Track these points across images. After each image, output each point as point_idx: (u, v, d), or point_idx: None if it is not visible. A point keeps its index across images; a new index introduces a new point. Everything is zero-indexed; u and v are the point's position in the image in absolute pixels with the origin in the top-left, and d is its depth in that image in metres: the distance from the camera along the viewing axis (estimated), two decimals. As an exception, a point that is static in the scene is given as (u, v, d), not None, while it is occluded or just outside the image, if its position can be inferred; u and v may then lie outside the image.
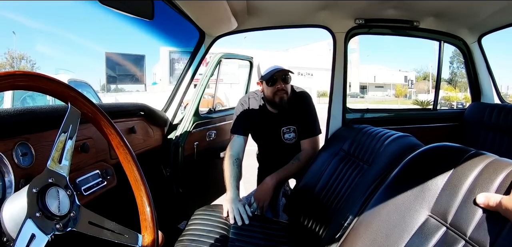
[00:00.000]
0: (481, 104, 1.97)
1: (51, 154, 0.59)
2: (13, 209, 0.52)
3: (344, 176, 1.34)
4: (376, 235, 0.74)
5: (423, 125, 2.00)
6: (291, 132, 1.77)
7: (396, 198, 0.74)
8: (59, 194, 0.56)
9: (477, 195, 0.58)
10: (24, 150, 0.80)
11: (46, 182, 0.55)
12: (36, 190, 0.53)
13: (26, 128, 0.84)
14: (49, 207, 0.53)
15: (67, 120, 0.63)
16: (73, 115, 0.64)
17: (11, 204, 0.53)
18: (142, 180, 0.76)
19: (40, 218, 0.52)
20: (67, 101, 0.64)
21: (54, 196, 0.55)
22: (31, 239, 0.49)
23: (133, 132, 1.35)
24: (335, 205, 1.30)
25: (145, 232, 0.72)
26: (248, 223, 1.43)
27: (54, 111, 0.92)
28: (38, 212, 0.52)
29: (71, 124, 0.63)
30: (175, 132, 1.79)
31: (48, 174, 0.57)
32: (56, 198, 0.55)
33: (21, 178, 0.74)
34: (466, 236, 0.58)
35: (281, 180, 1.70)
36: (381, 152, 1.16)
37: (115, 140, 0.73)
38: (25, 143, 0.81)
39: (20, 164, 0.78)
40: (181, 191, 1.85)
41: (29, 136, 0.83)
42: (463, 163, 0.65)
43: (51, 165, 0.58)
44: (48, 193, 0.54)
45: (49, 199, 0.54)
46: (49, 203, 0.54)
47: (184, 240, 1.24)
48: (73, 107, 0.65)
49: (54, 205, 0.54)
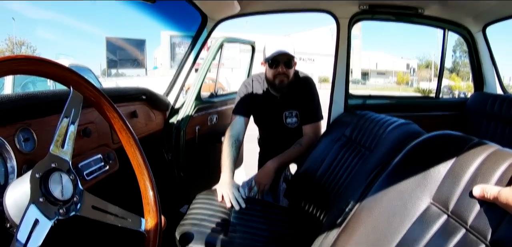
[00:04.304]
0: (483, 94, 1.96)
1: (54, 139, 0.58)
2: (16, 194, 0.53)
3: (346, 162, 1.34)
4: (377, 221, 0.74)
5: (425, 113, 1.99)
6: (293, 116, 1.77)
7: (398, 185, 0.74)
8: (62, 178, 0.56)
9: (474, 187, 0.58)
10: (26, 136, 0.80)
11: (49, 167, 0.55)
12: (39, 175, 0.53)
13: (28, 113, 0.83)
14: (52, 192, 0.53)
15: (69, 104, 0.63)
16: (76, 99, 0.64)
17: (14, 190, 0.53)
18: (145, 164, 0.76)
19: (43, 203, 0.52)
20: (69, 85, 0.64)
21: (57, 181, 0.55)
22: (35, 225, 0.50)
23: (135, 116, 1.35)
24: (336, 191, 1.31)
25: (148, 216, 0.73)
26: (244, 207, 1.43)
27: (55, 96, 0.91)
28: (41, 197, 0.52)
29: (73, 108, 0.63)
30: (177, 116, 1.78)
31: (51, 159, 0.57)
32: (59, 183, 0.55)
33: (23, 163, 0.74)
34: (467, 224, 0.58)
35: (282, 164, 1.70)
36: (383, 139, 1.16)
37: (118, 124, 0.73)
38: (27, 128, 0.81)
39: (22, 149, 0.77)
40: (183, 175, 1.86)
41: (31, 121, 0.82)
42: (465, 152, 0.65)
43: (53, 150, 0.58)
44: (51, 178, 0.54)
45: (52, 184, 0.54)
46: (52, 188, 0.54)
47: (186, 224, 1.25)
48: (75, 91, 0.64)
49: (57, 190, 0.54)
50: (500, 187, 0.53)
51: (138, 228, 0.70)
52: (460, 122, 1.96)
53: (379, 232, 0.71)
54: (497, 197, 0.53)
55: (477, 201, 0.58)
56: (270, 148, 1.90)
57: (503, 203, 0.52)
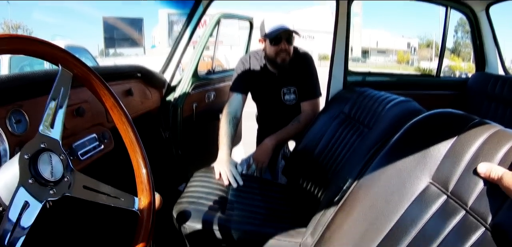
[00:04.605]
0: (485, 74, 1.94)
1: (43, 118, 0.56)
2: (5, 177, 0.51)
3: (344, 139, 1.33)
4: (375, 200, 0.73)
5: (425, 91, 1.98)
6: (291, 93, 1.75)
7: (397, 163, 0.73)
8: (52, 159, 0.55)
9: (479, 164, 0.56)
10: (17, 117, 0.78)
11: (38, 148, 0.53)
12: (28, 156, 0.51)
13: (19, 94, 0.82)
14: (41, 173, 0.52)
15: (58, 82, 0.60)
16: (65, 77, 0.61)
17: (4, 172, 0.51)
18: (138, 141, 0.74)
19: (33, 184, 0.50)
20: (58, 63, 0.61)
21: (46, 162, 0.53)
22: (25, 207, 0.48)
23: (130, 94, 1.32)
24: (334, 168, 1.30)
25: (142, 194, 0.71)
26: (242, 184, 1.43)
27: (47, 76, 0.89)
28: (31, 179, 0.50)
29: (62, 87, 0.61)
30: (174, 93, 1.76)
31: (40, 139, 0.55)
32: (48, 164, 0.53)
33: (15, 145, 0.73)
34: (467, 206, 0.57)
35: (280, 141, 1.69)
36: (382, 116, 1.15)
37: (109, 101, 0.71)
38: (18, 110, 0.79)
39: (14, 131, 0.76)
40: (181, 153, 1.86)
41: (22, 103, 0.81)
42: (467, 131, 0.63)
43: (43, 130, 0.56)
44: (40, 158, 0.52)
45: (41, 165, 0.52)
46: (42, 169, 0.52)
47: (183, 202, 1.25)
48: (64, 69, 0.62)
49: (47, 171, 0.53)
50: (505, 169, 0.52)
51: (131, 208, 0.69)
52: (460, 102, 1.95)
53: (376, 211, 0.71)
54: (501, 178, 0.51)
55: (478, 183, 0.56)
56: (268, 125, 1.89)
57: (505, 187, 0.50)
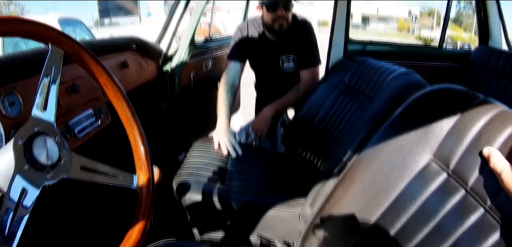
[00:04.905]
0: (488, 48, 1.90)
1: (35, 101, 0.55)
2: (1, 164, 0.50)
3: (344, 109, 1.32)
4: (375, 174, 0.73)
5: (427, 62, 1.95)
6: (290, 61, 1.72)
7: (398, 138, 0.72)
8: (47, 142, 0.53)
9: (484, 148, 0.55)
10: (11, 99, 0.76)
11: (32, 132, 0.52)
12: (22, 142, 0.50)
13: (11, 76, 0.79)
14: (37, 158, 0.51)
15: (49, 62, 0.58)
16: (55, 55, 0.59)
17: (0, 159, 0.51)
18: (134, 118, 0.72)
19: (29, 170, 0.49)
20: (47, 42, 0.58)
21: (41, 146, 0.52)
22: (22, 194, 0.48)
23: (125, 67, 1.29)
24: (334, 138, 1.30)
25: (140, 171, 0.71)
26: (241, 154, 1.43)
27: (38, 54, 0.86)
28: (26, 165, 0.49)
29: (53, 66, 0.58)
30: (170, 63, 1.72)
31: (34, 123, 0.53)
32: (43, 148, 0.52)
33: (11, 128, 0.72)
34: (467, 186, 0.57)
35: (279, 110, 1.69)
36: (384, 87, 1.13)
37: (103, 77, 0.68)
38: (11, 92, 0.77)
39: (8, 114, 0.75)
40: (179, 123, 1.85)
41: (15, 84, 0.79)
42: (471, 109, 0.62)
43: (35, 113, 0.54)
44: (35, 143, 0.51)
45: (36, 150, 0.51)
46: (37, 154, 0.51)
47: (182, 174, 1.25)
48: (55, 47, 0.59)
49: (42, 155, 0.52)
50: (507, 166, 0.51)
51: (130, 186, 0.68)
52: (462, 75, 1.92)
53: (376, 186, 0.71)
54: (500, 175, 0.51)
55: (480, 163, 0.56)
56: (266, 94, 1.87)
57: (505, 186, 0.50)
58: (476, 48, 1.97)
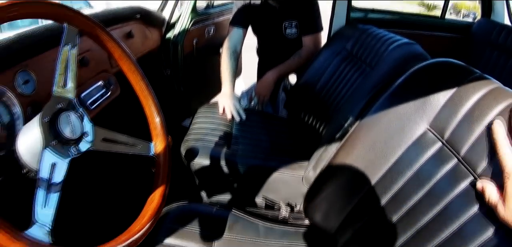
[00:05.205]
0: (490, 21, 1.88)
1: (55, 79, 0.58)
2: (27, 141, 0.54)
3: (346, 76, 1.34)
4: (375, 140, 0.77)
5: (429, 32, 1.94)
6: (292, 27, 1.71)
7: (398, 107, 0.75)
8: (70, 117, 0.58)
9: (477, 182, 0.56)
10: (25, 78, 0.78)
11: (56, 109, 0.56)
12: (47, 119, 0.54)
13: (23, 54, 0.81)
14: (63, 133, 0.55)
15: (66, 40, 0.61)
16: (71, 34, 0.62)
17: (25, 137, 0.55)
18: (148, 89, 0.76)
19: (57, 145, 0.54)
20: (63, 21, 0.61)
21: (66, 121, 0.56)
22: (53, 168, 0.52)
23: (130, 37, 1.30)
24: (335, 105, 1.33)
25: (156, 140, 0.76)
26: (245, 118, 1.48)
27: (48, 30, 0.87)
28: (53, 141, 0.53)
29: (70, 44, 0.61)
30: (173, 30, 1.72)
31: (56, 100, 0.57)
32: (68, 123, 0.56)
33: (27, 106, 0.74)
34: (459, 155, 0.61)
35: (282, 75, 1.72)
36: (385, 57, 1.15)
37: (117, 52, 0.72)
38: (24, 70, 0.79)
39: (24, 92, 0.77)
40: (183, 89, 1.87)
41: (28, 62, 0.80)
42: (467, 83, 0.65)
43: (56, 91, 0.58)
44: (59, 119, 0.55)
45: (61, 125, 0.55)
46: (62, 129, 0.55)
47: (190, 140, 1.30)
48: (70, 26, 0.61)
49: (67, 130, 0.56)
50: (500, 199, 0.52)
51: (148, 153, 0.73)
52: (463, 47, 1.92)
53: (376, 152, 0.75)
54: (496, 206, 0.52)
55: (472, 134, 0.59)
56: (269, 59, 1.88)
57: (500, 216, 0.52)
58: (478, 20, 1.96)
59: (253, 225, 0.92)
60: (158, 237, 0.83)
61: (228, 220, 0.92)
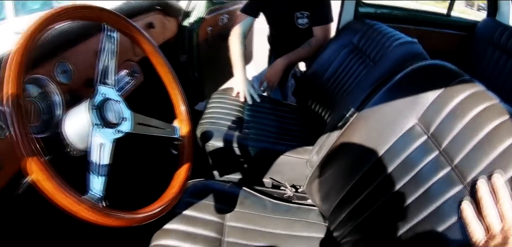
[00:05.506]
0: (495, 21, 1.90)
1: (99, 75, 0.69)
2: (75, 125, 0.65)
3: (351, 69, 1.43)
4: (371, 131, 0.87)
5: (434, 28, 1.98)
6: (304, 17, 1.78)
7: (393, 102, 0.85)
8: (113, 105, 0.69)
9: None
10: (63, 68, 0.88)
11: (101, 98, 0.68)
12: (95, 107, 0.66)
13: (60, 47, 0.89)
14: (108, 118, 0.67)
15: (105, 39, 0.72)
16: (111, 34, 0.73)
17: (72, 121, 0.66)
18: (176, 80, 0.88)
19: (103, 128, 0.65)
20: (102, 22, 0.72)
21: (110, 109, 0.68)
22: (100, 148, 0.64)
23: (152, 27, 1.40)
24: (340, 95, 1.43)
25: (182, 124, 0.87)
26: (259, 101, 1.59)
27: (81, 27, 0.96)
28: (101, 124, 0.65)
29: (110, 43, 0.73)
30: (189, 19, 1.81)
31: (101, 91, 0.68)
32: (111, 110, 0.68)
33: (66, 93, 0.83)
34: (441, 147, 0.71)
35: (291, 63, 1.80)
36: (387, 54, 1.23)
37: (149, 48, 0.83)
38: (62, 61, 0.88)
39: (62, 81, 0.86)
40: (197, 75, 1.98)
41: (64, 54, 0.90)
42: (453, 85, 0.74)
43: (100, 84, 0.69)
44: (104, 107, 0.67)
45: (107, 112, 0.67)
46: (107, 115, 0.67)
47: (204, 123, 1.41)
48: (110, 27, 0.73)
49: (111, 116, 0.68)
50: None
51: (175, 135, 0.85)
52: (466, 44, 1.96)
53: (370, 141, 0.85)
54: None
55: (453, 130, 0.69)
56: (280, 47, 1.96)
57: None
58: (483, 19, 1.99)
59: (262, 201, 1.04)
60: (177, 209, 0.95)
61: (239, 196, 1.03)
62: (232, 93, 1.64)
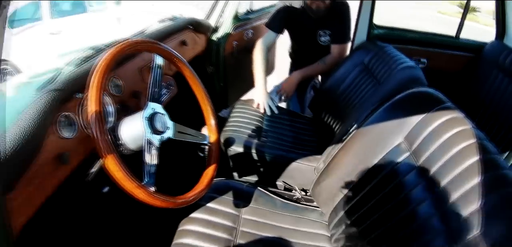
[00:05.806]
0: (501, 44, 1.93)
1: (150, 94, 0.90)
2: (129, 129, 0.85)
3: (360, 87, 1.57)
4: (366, 145, 1.02)
5: (443, 50, 2.05)
6: (326, 35, 1.90)
7: (386, 122, 1.00)
8: (161, 118, 0.89)
9: None
10: (115, 83, 1.04)
11: (152, 112, 0.88)
12: (147, 117, 0.86)
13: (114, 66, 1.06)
14: (157, 127, 0.87)
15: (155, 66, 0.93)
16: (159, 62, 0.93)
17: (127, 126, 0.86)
18: (207, 97, 1.07)
19: (153, 134, 0.85)
20: (152, 52, 0.93)
21: (158, 120, 0.88)
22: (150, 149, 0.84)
23: (184, 45, 1.59)
24: (349, 111, 1.57)
25: (211, 133, 1.06)
26: (277, 113, 1.75)
27: None
28: (151, 131, 0.85)
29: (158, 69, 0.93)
30: (216, 34, 1.99)
31: (151, 106, 0.89)
32: (159, 121, 0.88)
33: (117, 104, 0.98)
34: (418, 162, 0.86)
35: (306, 77, 1.96)
36: (391, 77, 1.37)
37: (187, 71, 1.03)
38: (115, 77, 1.04)
39: (115, 94, 1.02)
40: (222, 85, 2.15)
41: (115, 71, 1.06)
42: (434, 111, 0.88)
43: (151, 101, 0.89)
44: (154, 118, 0.87)
45: (156, 122, 0.87)
46: (156, 124, 0.87)
47: (228, 130, 1.59)
48: (158, 56, 0.93)
49: (159, 125, 0.87)
50: None
51: (205, 142, 1.05)
52: (473, 65, 1.99)
53: (364, 154, 1.01)
54: None
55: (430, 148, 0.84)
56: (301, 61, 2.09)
57: None
58: (491, 42, 2.02)
59: (273, 200, 1.21)
60: (202, 202, 1.13)
61: (254, 195, 1.20)
62: (253, 104, 1.81)
